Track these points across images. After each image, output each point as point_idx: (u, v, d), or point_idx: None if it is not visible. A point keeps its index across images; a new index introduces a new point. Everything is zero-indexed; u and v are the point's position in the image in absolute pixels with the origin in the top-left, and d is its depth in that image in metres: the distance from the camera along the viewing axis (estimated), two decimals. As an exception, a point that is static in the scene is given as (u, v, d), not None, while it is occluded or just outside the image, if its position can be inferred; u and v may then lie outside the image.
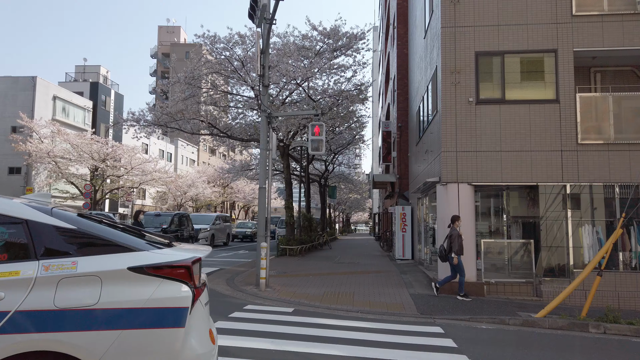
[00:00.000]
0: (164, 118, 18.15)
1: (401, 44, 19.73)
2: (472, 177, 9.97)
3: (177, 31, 77.57)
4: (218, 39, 15.88)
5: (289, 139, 19.08)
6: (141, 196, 47.85)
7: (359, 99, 18.09)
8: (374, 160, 55.54)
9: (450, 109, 10.12)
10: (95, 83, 42.03)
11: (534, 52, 10.08)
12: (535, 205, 10.52)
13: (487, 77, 10.17)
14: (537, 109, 9.92)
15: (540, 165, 9.81)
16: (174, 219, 19.39)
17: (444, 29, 10.29)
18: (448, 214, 9.93)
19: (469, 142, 10.03)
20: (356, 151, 38.40)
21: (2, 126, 33.13)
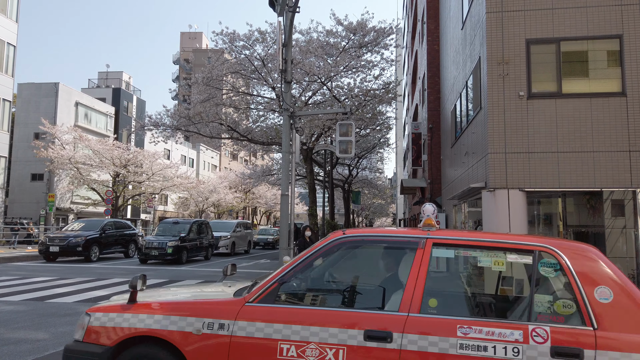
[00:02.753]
0: (182, 121, 17.39)
1: (431, 40, 18.53)
2: (524, 182, 8.71)
3: (199, 37, 77.91)
4: (237, 36, 15.01)
5: (312, 142, 18.07)
6: (163, 202, 47.60)
7: (387, 98, 16.96)
8: (398, 165, 54.18)
9: (498, 105, 8.89)
10: (117, 89, 41.97)
11: (595, 39, 8.78)
12: (596, 213, 9.19)
13: (540, 67, 8.91)
14: (600, 103, 8.62)
15: (604, 168, 8.49)
16: (192, 227, 18.54)
17: (490, 15, 9.09)
18: (497, 224, 8.70)
19: (519, 142, 8.78)
20: (379, 155, 37.22)
21: (25, 132, 33.13)
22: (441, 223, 15.37)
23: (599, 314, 2.71)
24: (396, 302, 2.97)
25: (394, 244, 3.43)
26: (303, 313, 3.04)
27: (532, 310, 2.83)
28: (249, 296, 3.20)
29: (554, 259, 2.91)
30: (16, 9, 28.28)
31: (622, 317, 2.68)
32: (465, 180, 11.44)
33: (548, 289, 2.96)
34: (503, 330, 2.75)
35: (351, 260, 3.51)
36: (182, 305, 3.24)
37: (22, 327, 6.50)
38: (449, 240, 3.12)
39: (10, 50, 27.73)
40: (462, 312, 3.03)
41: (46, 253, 16.99)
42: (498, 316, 2.98)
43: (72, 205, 34.69)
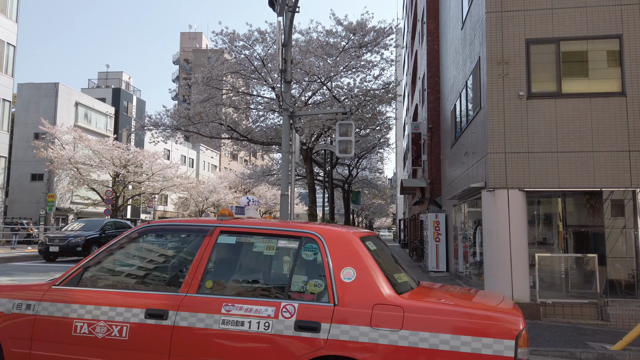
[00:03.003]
0: (182, 121, 17.37)
1: (431, 40, 18.52)
2: (524, 182, 8.70)
3: (199, 37, 77.89)
4: (237, 36, 14.98)
5: (312, 142, 18.05)
6: (163, 202, 47.58)
7: (387, 98, 16.93)
8: (398, 165, 54.16)
9: (497, 105, 8.89)
10: (117, 89, 41.95)
11: (594, 39, 8.79)
12: (596, 213, 9.19)
13: (539, 67, 8.91)
14: (600, 103, 8.62)
15: (604, 167, 8.49)
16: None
17: (489, 15, 9.09)
18: (496, 223, 8.70)
19: (519, 142, 8.78)
20: (379, 155, 37.19)
21: (25, 133, 33.11)
22: (441, 223, 15.38)
23: (341, 292, 3.09)
24: (181, 284, 3.38)
25: (190, 232, 3.73)
26: (98, 294, 3.43)
27: (289, 289, 3.20)
28: (57, 280, 3.61)
29: (315, 243, 3.31)
30: (16, 9, 28.28)
31: (360, 294, 3.06)
32: (465, 180, 11.44)
33: (306, 271, 3.29)
34: (259, 307, 3.13)
35: (154, 246, 3.90)
36: (1, 288, 3.66)
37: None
38: (234, 228, 3.55)
39: (10, 50, 27.72)
40: (231, 292, 3.33)
41: (46, 253, 16.98)
42: (262, 296, 3.26)
43: (72, 206, 34.67)
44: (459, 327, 2.86)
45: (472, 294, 3.60)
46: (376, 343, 2.90)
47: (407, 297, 3.11)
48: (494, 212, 8.76)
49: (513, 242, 8.52)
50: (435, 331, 2.88)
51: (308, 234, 3.36)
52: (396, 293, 3.10)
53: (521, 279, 8.49)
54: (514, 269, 8.45)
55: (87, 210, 35.28)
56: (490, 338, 2.80)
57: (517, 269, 8.46)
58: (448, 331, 2.86)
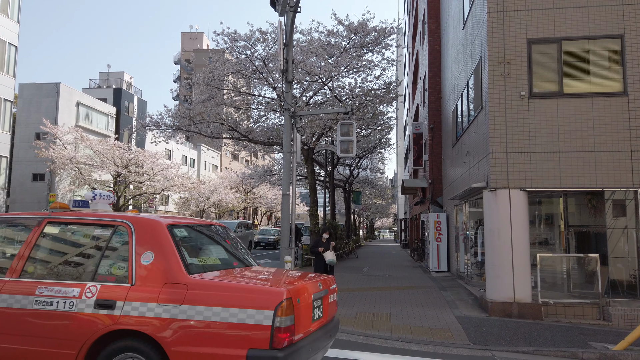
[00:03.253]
0: (183, 121, 17.37)
1: (432, 40, 18.51)
2: (526, 182, 8.69)
3: (200, 37, 77.88)
4: (238, 36, 14.97)
5: (313, 142, 18.04)
6: (164, 202, 47.58)
7: (388, 98, 16.91)
8: (399, 165, 54.12)
9: (499, 105, 8.88)
10: (118, 89, 41.96)
11: (596, 38, 8.77)
12: (598, 213, 9.17)
13: (541, 67, 8.90)
14: (601, 103, 8.60)
15: (605, 167, 8.48)
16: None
17: (491, 14, 9.08)
18: (498, 223, 8.69)
19: (521, 141, 8.77)
20: (379, 155, 37.17)
21: (26, 133, 33.14)
22: (442, 223, 15.36)
23: (139, 274, 3.52)
24: (7, 270, 3.82)
25: (23, 223, 4.13)
26: None
27: (97, 272, 3.64)
28: None
29: (125, 230, 3.74)
30: (17, 9, 28.30)
31: (154, 275, 3.48)
32: (466, 180, 11.43)
33: (114, 255, 3.73)
34: (67, 288, 3.56)
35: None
36: None
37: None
38: (60, 219, 4.01)
39: (11, 51, 27.75)
40: (48, 276, 3.74)
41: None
42: (72, 278, 3.68)
43: (73, 206, 34.67)
44: (228, 301, 3.27)
45: (269, 275, 4.10)
46: (160, 317, 3.31)
47: (196, 277, 3.50)
48: (496, 212, 8.75)
49: (515, 242, 8.51)
50: (209, 305, 3.27)
51: (120, 222, 3.80)
52: (187, 273, 3.48)
53: (523, 279, 8.47)
54: (516, 269, 8.44)
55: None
56: (253, 309, 3.21)
57: (519, 269, 8.45)
58: (219, 304, 3.26)
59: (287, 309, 3.25)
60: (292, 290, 3.40)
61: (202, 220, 4.54)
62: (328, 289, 4.19)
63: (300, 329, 3.45)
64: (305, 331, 3.54)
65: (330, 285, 4.31)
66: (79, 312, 3.45)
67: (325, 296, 4.07)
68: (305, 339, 3.52)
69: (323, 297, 4.00)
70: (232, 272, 3.98)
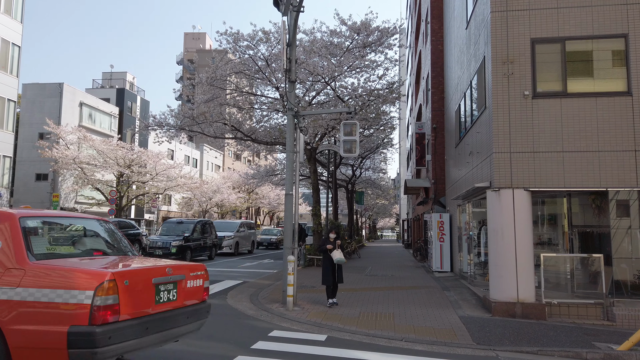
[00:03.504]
0: (186, 121, 17.40)
1: (435, 40, 18.49)
2: (529, 182, 8.68)
3: (202, 38, 77.99)
4: (241, 36, 14.99)
5: (316, 142, 18.06)
6: (167, 202, 47.66)
7: (391, 98, 16.91)
8: (402, 165, 54.08)
9: (503, 104, 8.87)
10: (121, 89, 42.06)
11: (600, 38, 8.75)
12: (602, 213, 9.16)
13: (545, 67, 8.88)
14: (605, 102, 8.58)
15: (609, 167, 8.45)
16: (196, 227, 18.58)
17: (494, 14, 9.07)
18: (501, 223, 8.67)
19: (524, 141, 8.75)
20: (382, 155, 37.17)
21: (30, 133, 33.25)
22: (445, 223, 15.34)
23: None
24: None
25: None
26: None
27: None
28: None
29: None
30: (21, 9, 28.40)
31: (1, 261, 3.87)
32: (469, 180, 11.41)
33: None
34: None
35: None
36: None
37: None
38: None
39: (15, 51, 27.83)
40: None
41: (51, 252, 17.04)
42: None
43: (76, 205, 34.77)
44: (57, 283, 3.65)
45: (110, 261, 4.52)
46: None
47: (37, 262, 3.86)
48: (499, 212, 8.73)
49: (518, 242, 8.50)
50: (40, 287, 3.66)
51: None
52: (31, 260, 3.86)
53: (526, 279, 8.46)
54: (519, 269, 8.43)
55: (92, 210, 35.36)
56: (77, 290, 3.58)
57: (523, 269, 8.43)
58: (49, 286, 3.64)
59: (109, 289, 3.62)
60: (118, 273, 3.77)
61: (68, 214, 5.24)
62: (185, 274, 4.48)
63: (130, 309, 3.80)
64: (139, 311, 3.90)
65: (191, 272, 4.58)
66: None
67: (181, 281, 4.40)
68: (139, 318, 3.87)
69: (177, 282, 4.35)
70: (81, 259, 4.35)
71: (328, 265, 8.98)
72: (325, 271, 9.00)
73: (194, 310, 4.58)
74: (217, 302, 9.12)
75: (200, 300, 4.73)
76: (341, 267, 9.14)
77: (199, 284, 4.68)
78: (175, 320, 4.30)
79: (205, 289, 4.83)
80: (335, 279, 8.96)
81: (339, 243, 9.16)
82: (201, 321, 4.74)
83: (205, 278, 4.81)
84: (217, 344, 5.97)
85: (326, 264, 9.02)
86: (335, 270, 8.99)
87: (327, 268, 8.98)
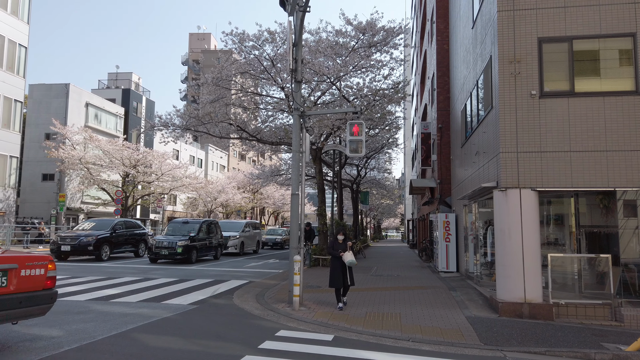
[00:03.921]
0: (191, 122, 17.45)
1: (441, 40, 18.44)
2: (536, 182, 8.64)
3: (207, 38, 78.18)
4: (247, 37, 15.01)
5: (321, 142, 18.06)
6: (172, 202, 47.82)
7: (396, 98, 16.88)
8: (407, 165, 53.98)
9: (510, 104, 8.84)
10: (127, 90, 42.25)
11: (607, 37, 8.70)
12: (609, 213, 9.10)
13: (552, 66, 8.84)
14: (613, 102, 8.53)
15: (617, 167, 8.40)
16: (202, 227, 18.63)
17: (501, 13, 9.04)
18: (508, 223, 8.64)
19: (531, 141, 8.71)
20: (387, 155, 37.11)
21: (36, 133, 33.46)
22: (451, 223, 15.30)
23: None
24: None
25: None
26: None
27: None
28: None
29: None
30: (27, 10, 28.57)
31: None
32: (476, 180, 11.38)
33: None
34: None
35: None
36: None
37: (36, 324, 6.57)
38: None
39: (21, 52, 28.01)
40: None
41: (58, 252, 17.15)
42: None
43: (82, 205, 34.96)
44: None
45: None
46: None
47: None
48: (506, 212, 8.70)
49: (525, 242, 8.46)
50: None
51: None
52: None
53: (534, 279, 8.42)
54: (527, 269, 8.39)
55: (97, 210, 35.55)
56: None
57: (530, 269, 8.40)
58: None
59: None
60: None
61: None
62: (18, 264, 5.08)
63: None
64: None
65: (27, 262, 5.17)
66: None
67: (12, 270, 5.02)
68: None
69: (8, 270, 4.99)
70: None
71: (337, 267, 8.69)
72: (334, 273, 8.70)
73: (31, 297, 5.17)
74: (223, 302, 9.15)
75: (42, 288, 5.31)
76: (352, 268, 8.88)
77: (38, 272, 5.26)
78: (4, 304, 4.89)
79: (50, 278, 5.42)
80: (345, 281, 8.74)
81: (350, 244, 8.92)
82: (42, 307, 5.33)
83: (51, 268, 5.42)
84: (225, 344, 5.98)
85: (335, 266, 8.71)
86: (346, 272, 8.74)
87: (336, 270, 8.68)
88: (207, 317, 7.73)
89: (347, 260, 8.63)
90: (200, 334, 6.50)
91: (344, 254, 8.69)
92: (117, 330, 6.41)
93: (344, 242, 8.93)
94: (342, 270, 8.72)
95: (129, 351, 5.45)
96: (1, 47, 26.38)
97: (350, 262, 8.63)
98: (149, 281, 11.80)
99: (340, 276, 8.69)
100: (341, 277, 8.70)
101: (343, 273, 8.74)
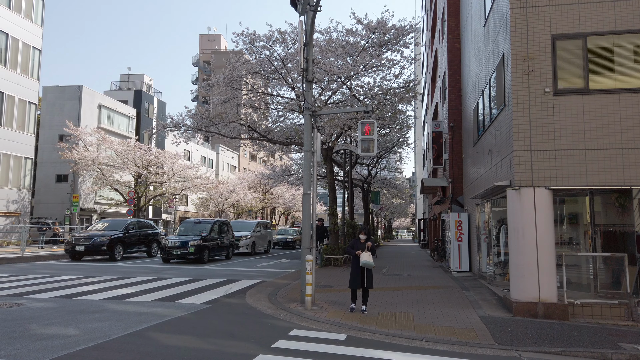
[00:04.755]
0: (203, 122, 17.55)
1: (452, 38, 18.33)
2: (551, 180, 8.55)
3: (218, 39, 78.54)
4: (258, 37, 15.06)
5: (332, 142, 18.06)
6: (184, 202, 48.13)
7: (407, 97, 16.81)
8: (417, 164, 53.74)
9: (523, 102, 8.75)
10: (138, 91, 42.61)
11: (622, 33, 8.58)
12: (625, 212, 8.97)
13: (566, 63, 8.74)
14: (629, 99, 8.41)
15: (633, 165, 8.28)
16: (214, 227, 18.72)
17: (514, 10, 8.95)
18: (522, 222, 8.56)
19: (545, 139, 8.63)
20: (397, 155, 36.97)
21: (50, 134, 33.89)
22: (463, 222, 15.21)
23: None
24: None
25: None
26: None
27: None
28: None
29: None
30: (41, 13, 28.95)
31: None
32: (488, 179, 11.29)
33: None
34: None
35: None
36: None
37: (52, 324, 6.65)
38: None
39: (35, 55, 28.40)
40: None
41: (72, 252, 17.36)
42: None
43: (95, 206, 35.35)
44: None
45: None
46: None
47: None
48: (520, 211, 8.62)
49: (540, 241, 8.38)
50: None
51: None
52: None
53: (548, 278, 8.33)
54: (541, 269, 8.31)
55: (110, 210, 35.92)
56: None
57: (544, 268, 8.31)
58: None
59: None
60: None
61: None
62: None
63: None
64: None
65: None
66: None
67: None
68: None
69: None
70: None
71: (356, 267, 8.36)
72: (354, 274, 8.38)
73: None
74: (236, 302, 9.19)
75: None
76: (371, 271, 8.46)
77: None
78: None
79: None
80: (363, 283, 8.35)
81: (369, 245, 8.44)
82: None
83: None
84: (238, 343, 6.01)
85: (355, 266, 8.39)
86: (364, 273, 8.36)
87: (356, 271, 8.36)
88: (220, 316, 7.77)
89: (363, 260, 8.23)
90: (214, 333, 6.53)
91: (362, 253, 8.30)
92: (132, 329, 6.47)
93: (365, 242, 8.49)
94: (361, 272, 8.34)
95: (144, 350, 5.50)
96: (15, 50, 26.78)
97: (365, 263, 8.22)
98: (162, 281, 11.89)
99: (358, 277, 8.32)
100: (359, 278, 8.32)
101: (362, 274, 8.36)
